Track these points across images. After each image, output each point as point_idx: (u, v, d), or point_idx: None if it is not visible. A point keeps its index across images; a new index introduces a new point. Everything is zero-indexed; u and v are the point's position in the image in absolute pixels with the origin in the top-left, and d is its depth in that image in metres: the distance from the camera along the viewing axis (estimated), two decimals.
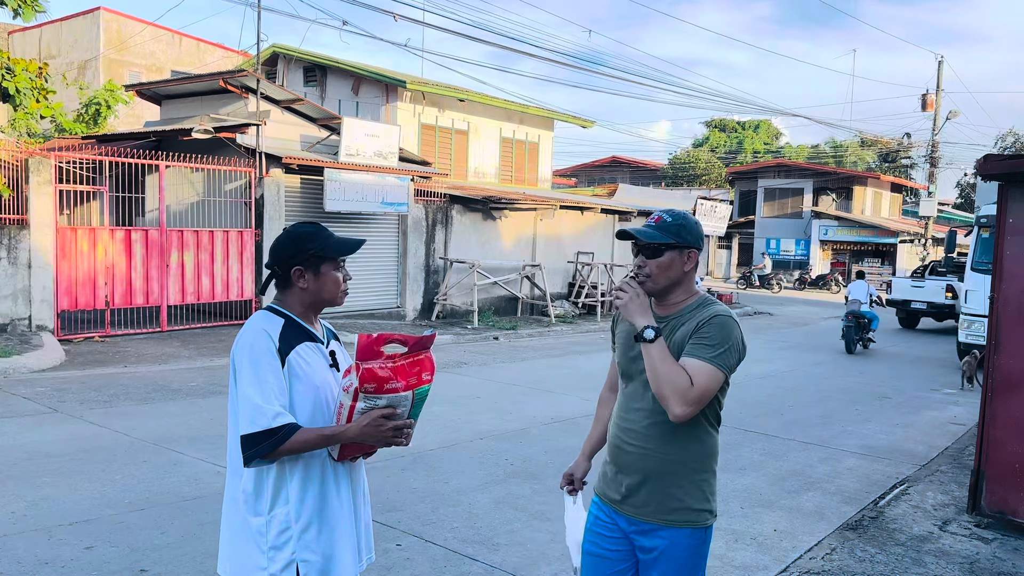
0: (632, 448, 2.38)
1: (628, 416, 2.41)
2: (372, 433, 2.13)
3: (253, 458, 2.10)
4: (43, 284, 10.86)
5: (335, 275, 2.29)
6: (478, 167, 21.06)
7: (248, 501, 2.21)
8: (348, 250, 2.30)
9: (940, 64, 29.38)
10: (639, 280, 2.35)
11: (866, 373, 11.95)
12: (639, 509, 2.37)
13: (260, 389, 2.11)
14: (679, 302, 2.38)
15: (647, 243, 2.34)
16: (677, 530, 2.33)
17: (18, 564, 4.06)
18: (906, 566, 4.49)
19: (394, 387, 2.13)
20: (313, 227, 2.31)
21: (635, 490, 2.37)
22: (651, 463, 2.34)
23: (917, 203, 37.23)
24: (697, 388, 2.19)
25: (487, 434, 7.17)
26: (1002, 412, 5.08)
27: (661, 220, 2.36)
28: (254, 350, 2.15)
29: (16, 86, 9.72)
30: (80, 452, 6.07)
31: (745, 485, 6.00)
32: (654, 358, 2.22)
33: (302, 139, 14.20)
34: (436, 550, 4.47)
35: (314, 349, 2.27)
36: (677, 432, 2.31)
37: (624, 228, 2.39)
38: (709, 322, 2.27)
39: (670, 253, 2.33)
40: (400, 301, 15.33)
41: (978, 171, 5.19)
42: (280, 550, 2.18)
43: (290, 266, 2.26)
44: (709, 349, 2.24)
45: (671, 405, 2.20)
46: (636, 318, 2.27)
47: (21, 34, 26.82)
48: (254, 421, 2.08)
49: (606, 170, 47.27)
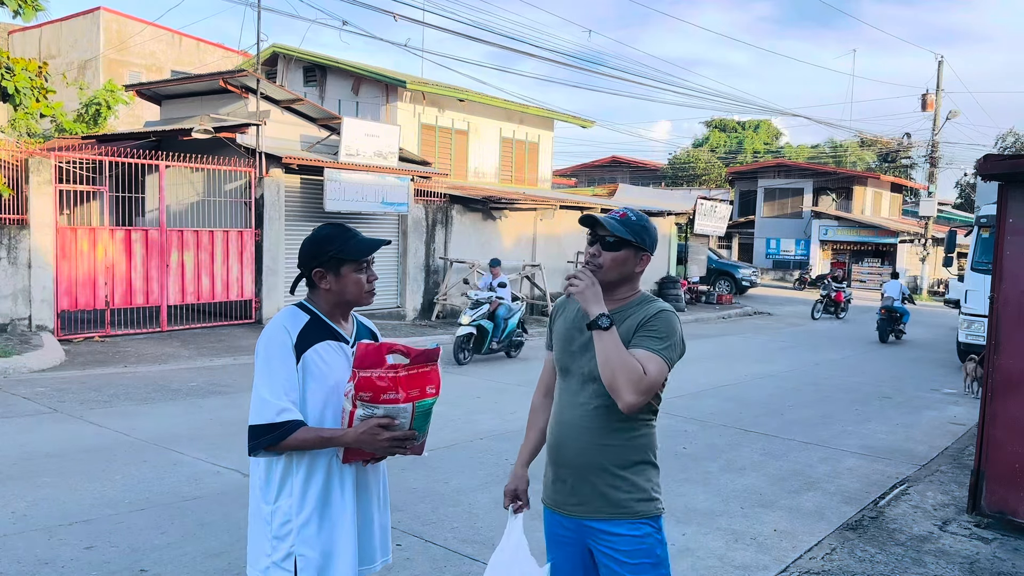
0: (573, 443, 2.37)
1: (566, 412, 2.40)
2: (368, 441, 2.15)
3: (255, 449, 2.15)
4: (43, 284, 10.86)
5: (356, 277, 2.30)
6: (478, 167, 21.06)
7: (260, 488, 2.27)
8: (367, 251, 2.31)
9: (940, 64, 29.42)
10: (591, 268, 2.35)
11: (866, 373, 11.95)
12: (585, 507, 2.36)
13: (270, 383, 2.16)
14: (624, 298, 2.39)
15: (609, 234, 2.34)
16: (626, 523, 2.32)
17: (18, 564, 4.06)
18: (906, 566, 4.49)
19: (392, 398, 2.13)
20: (334, 229, 2.32)
21: (579, 487, 2.36)
22: (592, 457, 2.34)
23: (917, 203, 37.24)
24: (649, 377, 2.20)
25: (487, 434, 7.18)
26: (1002, 412, 5.08)
27: (626, 217, 2.37)
28: (271, 345, 2.20)
29: (16, 86, 9.71)
30: (80, 452, 6.07)
31: (745, 485, 6.00)
32: (608, 346, 2.21)
33: (302, 139, 14.21)
34: (436, 550, 4.47)
35: (336, 348, 2.28)
36: (616, 426, 2.32)
37: (591, 214, 2.38)
38: (656, 316, 2.30)
39: (626, 250, 2.35)
40: (400, 301, 15.34)
41: (978, 171, 5.19)
42: (281, 540, 2.22)
43: (311, 268, 2.29)
44: (658, 341, 2.26)
45: (624, 394, 2.18)
46: (591, 306, 2.26)
47: (21, 34, 26.81)
48: (260, 414, 2.14)
49: (606, 170, 47.25)
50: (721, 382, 10.41)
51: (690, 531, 4.96)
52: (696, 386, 9.76)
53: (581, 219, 2.44)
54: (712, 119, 54.55)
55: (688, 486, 5.88)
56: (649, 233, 2.38)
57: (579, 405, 2.37)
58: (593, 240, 2.38)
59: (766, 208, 36.12)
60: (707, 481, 6.06)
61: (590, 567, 2.41)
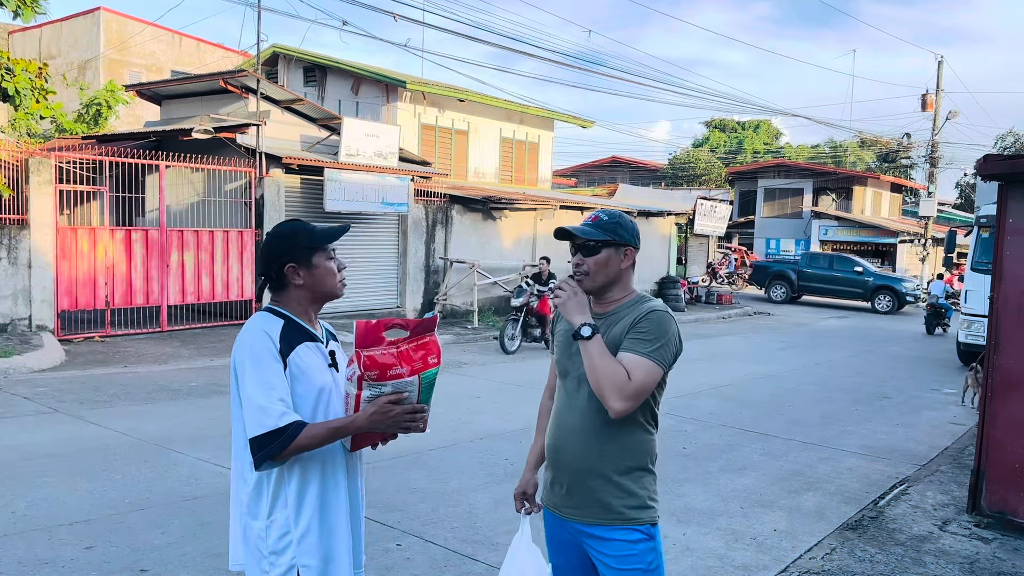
0: (570, 446, 2.37)
1: (565, 415, 2.41)
2: (382, 420, 2.11)
3: (263, 460, 2.06)
4: (43, 284, 10.86)
5: (328, 265, 2.27)
6: (478, 167, 21.05)
7: (249, 504, 2.19)
8: (334, 236, 2.29)
9: (940, 64, 29.39)
10: (577, 278, 2.38)
11: (866, 373, 11.95)
12: (581, 511, 2.36)
13: (263, 390, 2.08)
14: (616, 300, 2.40)
15: (584, 240, 2.36)
16: (620, 529, 2.32)
17: (18, 564, 4.06)
18: (906, 566, 4.49)
19: (398, 373, 2.10)
20: (296, 222, 2.32)
21: (574, 491, 2.37)
22: (588, 462, 2.34)
23: (917, 203, 37.20)
24: (635, 382, 2.20)
25: (487, 434, 7.17)
26: (1002, 412, 5.08)
27: (598, 219, 2.40)
28: (255, 351, 2.13)
29: (16, 86, 9.71)
30: (80, 452, 6.07)
31: (745, 485, 6.00)
32: (592, 354, 2.23)
33: (302, 139, 14.20)
34: (436, 550, 4.47)
35: (314, 349, 2.25)
36: (613, 430, 2.31)
37: (562, 227, 2.41)
38: (646, 317, 2.29)
39: (607, 251, 2.36)
40: (400, 301, 15.34)
41: (978, 171, 5.20)
42: (280, 555, 2.16)
43: (282, 264, 2.23)
44: (646, 344, 2.25)
45: (609, 400, 2.20)
46: (574, 316, 2.29)
47: (21, 34, 26.80)
48: (260, 423, 2.05)
49: (606, 170, 47.25)
50: (721, 382, 10.41)
51: (690, 531, 4.96)
52: (696, 386, 9.76)
53: (555, 233, 2.47)
54: (712, 119, 54.54)
55: (688, 486, 5.88)
56: (624, 228, 2.39)
57: (576, 408, 2.37)
58: (575, 250, 2.41)
59: (766, 208, 36.11)
60: (707, 481, 6.06)
61: (589, 569, 2.42)
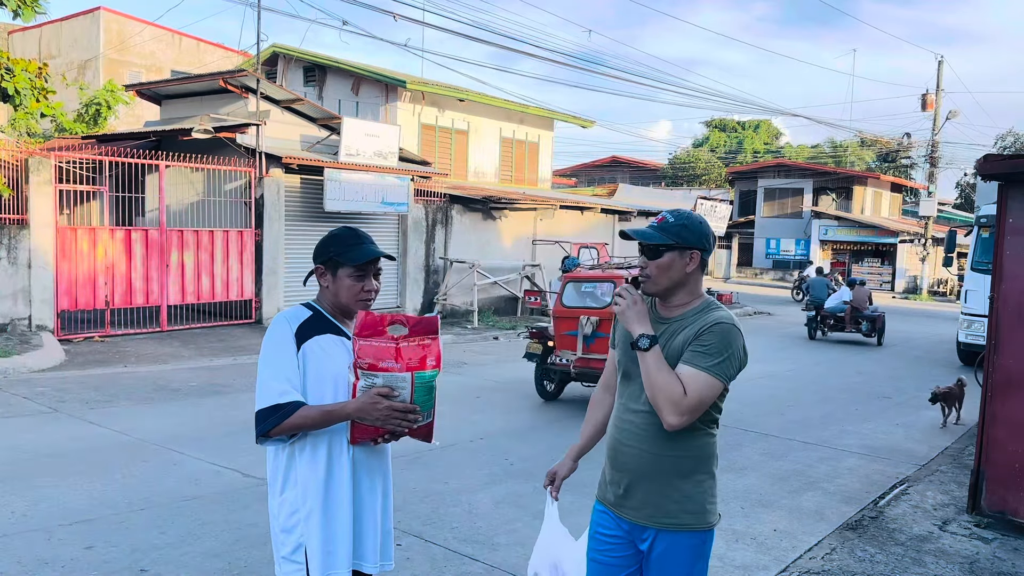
0: (629, 449, 2.36)
1: (626, 417, 2.39)
2: (368, 410, 2.17)
3: (262, 432, 2.18)
4: (43, 284, 10.86)
5: (350, 282, 2.32)
6: (478, 167, 21.06)
7: (270, 483, 2.33)
8: (362, 259, 2.32)
9: (940, 64, 29.42)
10: (640, 280, 2.35)
11: (866, 373, 11.95)
12: (637, 512, 2.35)
13: (271, 369, 2.22)
14: (683, 304, 2.35)
15: (647, 243, 2.34)
16: (675, 534, 2.30)
17: (18, 564, 4.06)
18: (906, 566, 4.49)
19: (390, 366, 2.16)
20: (346, 232, 2.38)
21: (632, 492, 2.36)
22: (648, 465, 2.32)
23: (917, 203, 37.24)
24: (691, 398, 2.18)
25: (487, 434, 7.18)
26: (1002, 412, 5.08)
27: (664, 220, 2.35)
28: (272, 335, 2.27)
29: (16, 86, 9.71)
30: (80, 452, 6.07)
31: (745, 485, 6.00)
32: (649, 367, 2.22)
33: (302, 139, 14.20)
34: (436, 550, 4.48)
35: (337, 342, 2.32)
36: (674, 434, 2.29)
37: (625, 229, 2.41)
38: (710, 329, 2.24)
39: (670, 254, 2.31)
40: (400, 301, 15.34)
41: (978, 171, 5.19)
42: (289, 533, 2.26)
43: (315, 264, 2.38)
44: (707, 358, 2.21)
45: (665, 414, 2.20)
46: (633, 325, 2.27)
47: (21, 34, 26.79)
48: (263, 397, 2.19)
49: (606, 170, 47.28)
50: None
51: None
52: None
53: (620, 233, 2.51)
54: (712, 119, 54.59)
55: None
56: (691, 230, 2.32)
57: (637, 411, 2.36)
58: (641, 252, 2.38)
59: (766, 208, 36.13)
60: None
61: (635, 569, 2.40)
